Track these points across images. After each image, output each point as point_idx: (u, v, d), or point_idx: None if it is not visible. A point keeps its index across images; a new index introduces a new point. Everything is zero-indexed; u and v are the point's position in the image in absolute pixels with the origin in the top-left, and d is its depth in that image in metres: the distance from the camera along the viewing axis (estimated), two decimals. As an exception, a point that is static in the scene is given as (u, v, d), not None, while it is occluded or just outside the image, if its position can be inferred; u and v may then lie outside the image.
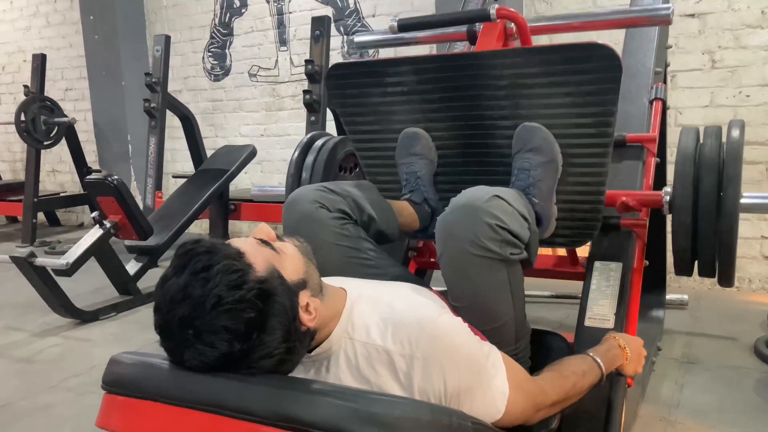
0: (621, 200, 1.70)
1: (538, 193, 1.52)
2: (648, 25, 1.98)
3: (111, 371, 1.01)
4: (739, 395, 2.11)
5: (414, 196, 1.70)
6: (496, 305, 1.29)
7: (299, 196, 1.43)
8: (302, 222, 1.39)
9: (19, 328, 3.14)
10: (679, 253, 1.72)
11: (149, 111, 4.40)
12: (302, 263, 1.04)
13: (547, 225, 1.57)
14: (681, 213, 1.65)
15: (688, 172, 1.64)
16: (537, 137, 1.51)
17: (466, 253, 1.23)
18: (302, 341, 1.00)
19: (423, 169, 1.69)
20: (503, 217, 1.24)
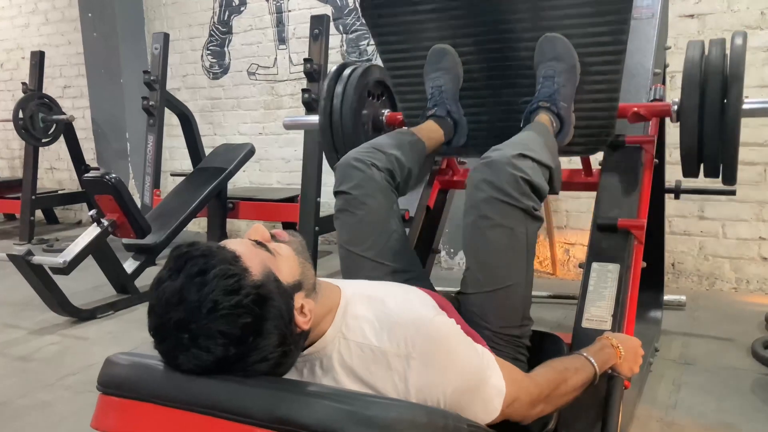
0: (633, 110, 1.82)
1: (563, 98, 1.69)
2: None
3: (106, 372, 1.01)
4: (737, 396, 2.11)
5: (438, 110, 1.81)
6: (510, 260, 1.37)
7: (349, 158, 1.55)
8: (356, 177, 1.52)
9: (17, 326, 3.14)
10: (687, 156, 1.81)
11: (148, 109, 4.39)
12: (297, 264, 1.03)
13: (567, 131, 1.73)
14: (688, 118, 1.73)
15: (695, 80, 1.71)
16: (559, 45, 1.68)
17: (490, 198, 1.34)
18: (297, 344, 1.00)
19: (449, 84, 1.82)
20: (527, 170, 1.36)
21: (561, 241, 3.74)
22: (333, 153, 2.09)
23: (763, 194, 3.18)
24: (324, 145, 2.12)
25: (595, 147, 1.87)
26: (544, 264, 3.78)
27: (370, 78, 2.12)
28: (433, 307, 1.12)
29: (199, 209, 3.94)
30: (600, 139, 1.83)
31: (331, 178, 5.01)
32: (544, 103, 1.69)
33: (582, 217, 3.65)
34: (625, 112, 1.82)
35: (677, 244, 3.40)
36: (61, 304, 3.09)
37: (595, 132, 1.81)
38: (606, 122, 1.79)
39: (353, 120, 2.03)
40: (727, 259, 3.31)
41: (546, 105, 1.68)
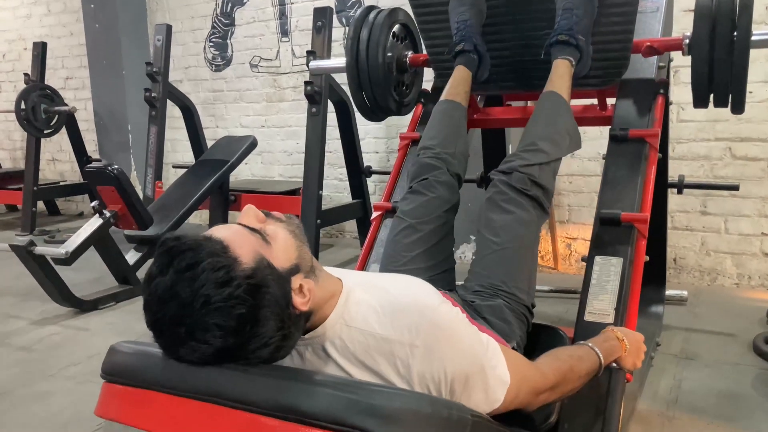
0: (646, 45, 1.92)
1: (581, 31, 1.80)
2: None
3: (110, 360, 1.01)
4: (738, 391, 2.11)
5: (465, 44, 1.93)
6: (520, 228, 1.56)
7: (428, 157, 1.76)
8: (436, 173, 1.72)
9: (19, 317, 3.15)
10: (697, 86, 1.87)
11: (150, 101, 4.39)
12: (293, 247, 1.01)
13: (586, 62, 1.86)
14: (700, 48, 1.79)
15: (706, 12, 1.77)
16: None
17: (506, 183, 1.60)
18: (297, 325, 0.99)
19: (473, 18, 1.93)
20: (535, 173, 1.60)
21: (563, 236, 3.74)
22: (359, 93, 2.24)
23: (766, 190, 3.18)
24: (350, 85, 2.24)
25: (610, 79, 1.95)
26: (546, 258, 3.78)
27: (395, 20, 2.26)
28: (438, 297, 1.12)
29: (201, 201, 3.94)
30: (615, 71, 1.93)
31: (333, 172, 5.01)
32: (563, 35, 1.80)
33: (583, 212, 3.64)
34: (639, 47, 1.92)
35: (679, 239, 3.40)
36: (63, 294, 3.10)
37: (611, 64, 1.92)
38: (621, 54, 1.89)
39: (378, 61, 2.17)
40: (728, 255, 3.31)
41: (564, 38, 1.80)
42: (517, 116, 2.31)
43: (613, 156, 1.85)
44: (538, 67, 1.93)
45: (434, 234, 1.65)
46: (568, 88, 1.81)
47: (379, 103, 2.26)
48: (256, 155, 4.80)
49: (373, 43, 2.16)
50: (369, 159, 4.31)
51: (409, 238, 1.63)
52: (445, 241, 1.68)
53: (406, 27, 2.33)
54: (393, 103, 2.31)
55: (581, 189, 3.64)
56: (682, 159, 3.33)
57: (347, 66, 2.21)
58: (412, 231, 1.64)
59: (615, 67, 1.92)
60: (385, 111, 2.33)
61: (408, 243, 1.62)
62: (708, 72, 1.81)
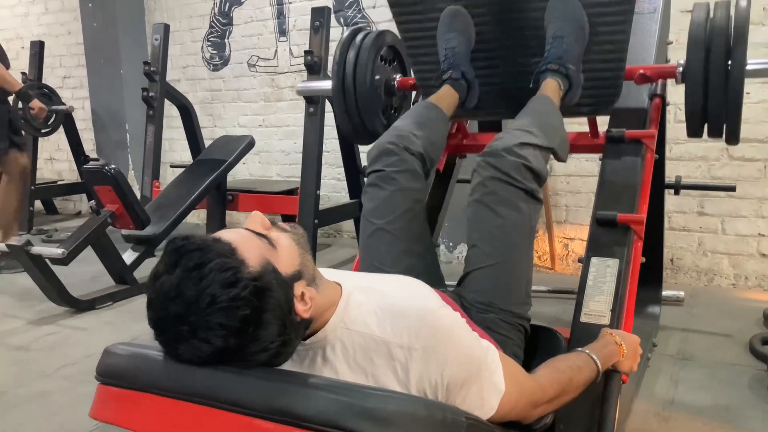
0: (639, 72, 1.86)
1: (571, 59, 1.73)
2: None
3: (105, 362, 1.01)
4: (734, 392, 2.11)
5: (453, 72, 1.85)
6: (515, 234, 1.45)
7: (385, 141, 1.62)
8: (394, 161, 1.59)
9: (15, 316, 3.14)
10: (691, 116, 1.82)
11: (147, 100, 4.38)
12: (297, 254, 1.02)
13: (576, 91, 1.78)
14: (693, 78, 1.75)
15: (700, 41, 1.72)
16: (569, 6, 1.72)
17: (495, 179, 1.46)
18: (297, 332, 0.99)
19: (461, 45, 1.85)
20: (529, 157, 1.46)
21: (560, 236, 3.74)
22: (345, 117, 2.13)
23: (763, 191, 3.18)
24: (336, 110, 2.16)
25: (602, 108, 1.91)
26: (543, 259, 3.78)
27: (383, 43, 2.16)
28: (438, 300, 1.12)
29: (199, 201, 3.94)
30: (607, 100, 1.87)
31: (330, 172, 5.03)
32: (553, 64, 1.73)
33: (581, 212, 3.65)
34: (632, 74, 1.86)
35: (676, 240, 3.40)
36: (60, 294, 3.09)
37: (603, 92, 1.85)
38: (613, 82, 1.83)
39: (365, 85, 2.08)
40: (725, 255, 3.31)
41: (555, 67, 1.73)
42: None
43: (610, 157, 1.86)
44: (528, 95, 1.82)
45: (405, 232, 1.55)
46: (558, 102, 1.74)
47: (367, 126, 2.14)
48: (253, 155, 4.80)
49: (361, 67, 2.07)
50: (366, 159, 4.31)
51: (380, 242, 1.54)
52: (420, 235, 1.59)
53: (395, 49, 2.24)
54: (381, 126, 2.16)
55: (579, 189, 3.65)
56: (679, 160, 3.33)
57: (333, 89, 2.11)
58: (381, 234, 1.55)
59: (607, 95, 1.86)
60: (373, 135, 2.15)
61: (381, 248, 1.54)
62: (702, 102, 1.76)
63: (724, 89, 1.72)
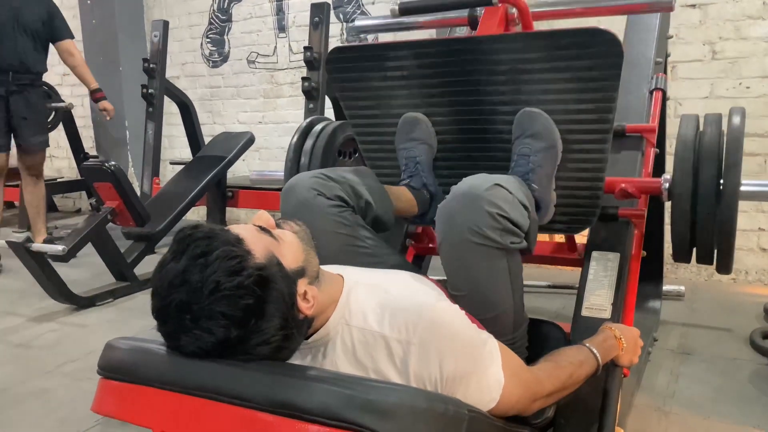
0: (620, 187, 1.70)
1: (537, 179, 1.51)
2: (650, 11, 1.94)
3: (107, 356, 1.01)
4: (734, 386, 2.12)
5: (413, 181, 1.67)
6: (495, 294, 1.30)
7: (297, 183, 1.41)
8: (300, 209, 1.37)
9: (16, 313, 3.14)
10: (678, 240, 1.73)
11: (147, 97, 4.38)
12: (301, 251, 1.03)
13: (546, 211, 1.56)
14: (680, 200, 1.65)
15: (688, 160, 1.64)
16: (538, 123, 1.50)
17: (467, 242, 1.24)
18: (299, 329, 1.00)
19: (422, 155, 1.67)
20: (504, 205, 1.25)
21: (560, 232, 3.74)
22: None
23: (763, 185, 3.18)
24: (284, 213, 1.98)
25: (578, 227, 1.69)
26: (544, 254, 3.77)
27: (341, 136, 2.04)
28: (437, 294, 1.12)
29: (199, 198, 3.94)
30: (584, 219, 1.65)
31: (330, 167, 4.92)
32: None
33: (581, 208, 3.64)
34: (613, 187, 1.70)
35: (676, 235, 3.40)
36: (61, 291, 3.09)
37: (579, 211, 1.64)
38: (590, 201, 1.62)
39: None
40: (726, 250, 3.31)
41: None
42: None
43: (611, 151, 1.85)
44: None
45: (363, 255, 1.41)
46: None
47: None
48: (253, 151, 4.79)
49: (316, 163, 1.93)
50: (367, 155, 4.31)
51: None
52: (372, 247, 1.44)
53: (355, 141, 1.98)
54: None
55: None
56: (679, 154, 3.33)
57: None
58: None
59: (583, 214, 1.64)
60: None
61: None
62: (690, 224, 1.67)
63: (715, 215, 1.62)
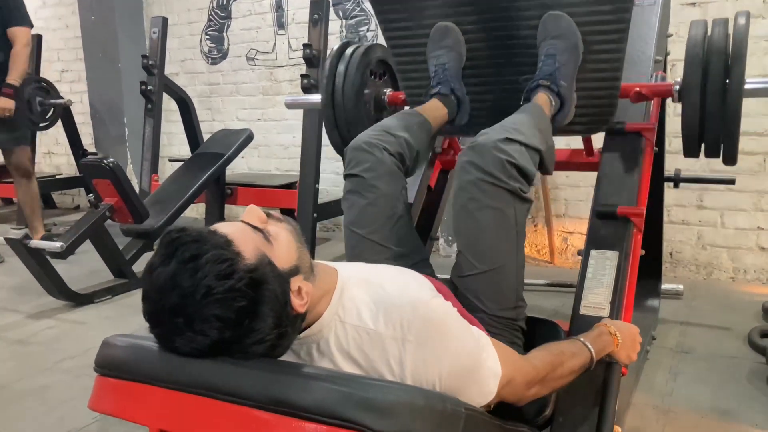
0: (634, 90, 1.82)
1: (563, 77, 1.69)
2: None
3: (104, 354, 1.01)
4: (733, 385, 2.12)
5: (442, 88, 1.81)
6: (501, 241, 1.40)
7: (361, 142, 1.57)
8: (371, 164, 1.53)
9: (14, 310, 3.14)
10: (688, 136, 1.80)
11: (146, 94, 4.37)
12: (294, 248, 1.02)
13: (568, 110, 1.73)
14: (690, 97, 1.72)
15: (697, 59, 1.70)
16: (562, 24, 1.67)
17: (478, 181, 1.37)
18: (293, 326, 0.99)
19: (451, 62, 1.81)
20: (514, 154, 1.38)
21: (559, 230, 3.74)
22: (335, 131, 2.09)
23: (762, 184, 3.18)
24: (326, 124, 2.12)
25: (596, 127, 1.87)
26: (542, 252, 3.78)
27: (373, 57, 2.13)
28: (430, 290, 1.12)
29: (197, 195, 3.93)
30: (601, 119, 1.83)
31: (329, 165, 5.01)
32: (545, 81, 1.69)
33: (580, 206, 3.64)
34: (627, 92, 1.83)
35: (675, 234, 3.40)
36: (59, 288, 3.09)
37: (597, 111, 1.81)
38: (608, 101, 1.79)
39: (355, 99, 2.04)
40: (725, 249, 3.31)
41: (546, 84, 1.68)
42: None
43: (610, 150, 1.85)
44: None
45: (391, 238, 1.52)
46: (548, 114, 1.67)
47: None
48: (252, 149, 4.79)
49: (350, 81, 2.04)
50: (366, 152, 4.29)
51: (367, 252, 1.50)
52: (405, 234, 1.56)
53: (385, 63, 2.21)
54: None
55: (578, 183, 3.64)
56: (678, 153, 3.29)
57: (322, 104, 2.09)
58: (367, 244, 1.51)
59: (601, 114, 1.82)
60: None
61: (371, 260, 1.46)
62: (699, 121, 1.74)
63: (722, 109, 1.69)
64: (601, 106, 1.80)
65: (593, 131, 1.92)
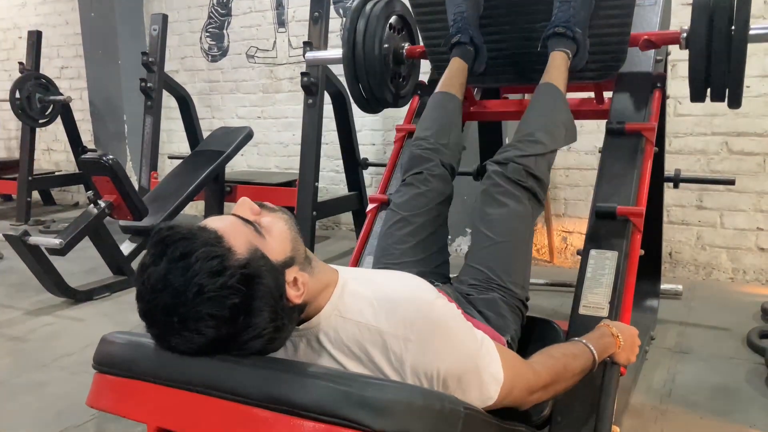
0: (643, 38, 1.90)
1: (578, 23, 1.79)
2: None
3: (102, 351, 1.00)
4: (731, 385, 2.12)
5: (462, 36, 1.92)
6: (517, 221, 1.56)
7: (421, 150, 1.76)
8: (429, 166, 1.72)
9: (13, 307, 3.14)
10: (695, 80, 1.87)
11: (145, 91, 4.37)
12: (289, 239, 1.00)
13: (583, 55, 1.85)
14: (697, 44, 1.79)
15: (704, 6, 1.77)
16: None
17: (501, 174, 1.60)
18: (290, 317, 0.98)
19: (470, 10, 1.92)
20: (531, 164, 1.60)
21: (559, 229, 3.74)
22: (355, 84, 2.22)
23: (762, 185, 3.18)
24: (347, 76, 2.23)
25: (607, 72, 1.95)
26: (542, 252, 3.78)
27: (392, 11, 2.24)
28: (433, 291, 1.11)
29: (197, 192, 3.93)
30: (613, 65, 1.92)
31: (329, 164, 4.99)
32: (560, 28, 1.79)
33: (580, 205, 3.64)
34: (636, 41, 1.91)
35: (675, 234, 3.40)
36: (58, 285, 3.09)
37: (608, 58, 1.91)
38: (618, 47, 1.88)
39: (375, 52, 2.15)
40: (724, 249, 3.31)
41: (562, 30, 1.79)
42: (514, 109, 2.30)
43: (610, 149, 1.85)
44: (535, 60, 1.92)
45: (427, 226, 1.65)
46: (565, 80, 1.80)
47: (376, 94, 2.25)
48: (252, 146, 4.78)
49: (370, 35, 2.14)
50: (365, 151, 4.30)
51: (401, 230, 1.64)
52: (439, 232, 1.68)
53: (403, 18, 2.31)
54: (389, 94, 2.29)
55: (578, 183, 3.64)
56: (678, 153, 3.33)
57: (344, 57, 2.19)
58: (404, 223, 1.65)
59: (612, 60, 1.92)
60: (382, 103, 2.31)
61: (401, 235, 1.63)
62: (705, 66, 1.81)
63: (727, 54, 1.76)
64: (613, 52, 1.90)
65: (604, 77, 1.98)
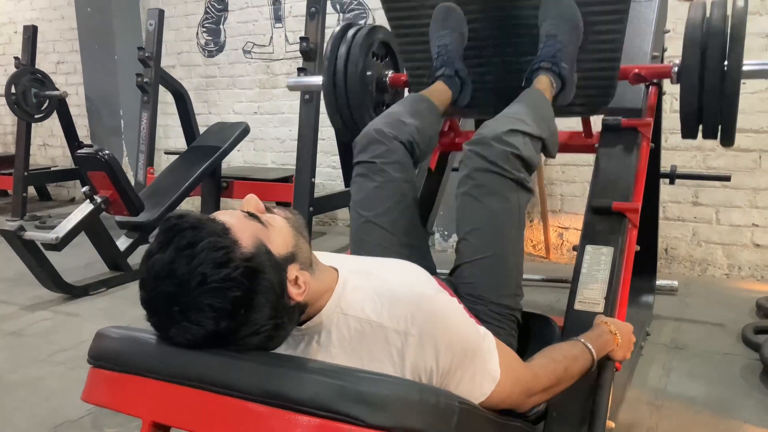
0: (633, 72, 1.84)
1: (565, 59, 1.70)
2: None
3: (97, 345, 1.00)
4: (726, 381, 2.13)
5: (446, 69, 1.82)
6: (505, 226, 1.43)
7: (372, 129, 1.58)
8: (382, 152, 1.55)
9: (9, 302, 3.13)
10: (686, 117, 1.81)
11: (142, 86, 4.35)
12: (291, 236, 1.01)
13: (569, 91, 1.75)
14: (689, 79, 1.73)
15: (696, 41, 1.71)
16: (563, 5, 1.69)
17: (484, 170, 1.41)
18: (291, 316, 0.98)
19: (454, 42, 1.82)
20: (518, 145, 1.42)
21: (555, 225, 3.75)
22: (336, 114, 2.10)
23: (757, 181, 3.19)
24: (327, 106, 2.11)
25: (596, 108, 1.90)
26: (538, 248, 3.78)
27: (375, 38, 2.13)
28: (435, 285, 1.11)
29: (193, 188, 3.93)
30: (601, 100, 1.85)
31: (325, 159, 5.01)
32: (546, 63, 1.70)
33: (576, 201, 3.65)
34: (627, 74, 1.85)
35: (671, 230, 3.41)
36: (54, 280, 3.08)
37: (597, 92, 1.84)
38: (607, 83, 1.81)
39: (357, 81, 2.04)
40: (719, 245, 3.32)
41: (547, 65, 1.69)
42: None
43: (606, 145, 1.85)
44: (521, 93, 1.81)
45: (396, 223, 1.53)
46: (550, 97, 1.70)
47: (357, 123, 2.07)
48: (248, 142, 4.78)
49: (352, 62, 2.04)
50: (362, 147, 4.29)
51: (371, 235, 1.53)
52: (410, 224, 1.56)
53: (387, 45, 2.20)
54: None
55: (573, 179, 3.64)
56: (674, 149, 3.33)
57: (324, 85, 2.08)
58: (371, 227, 1.53)
59: (601, 95, 1.83)
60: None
61: (374, 243, 1.51)
62: (697, 102, 1.75)
63: (720, 90, 1.70)
64: (601, 86, 1.82)
65: (593, 112, 1.94)
